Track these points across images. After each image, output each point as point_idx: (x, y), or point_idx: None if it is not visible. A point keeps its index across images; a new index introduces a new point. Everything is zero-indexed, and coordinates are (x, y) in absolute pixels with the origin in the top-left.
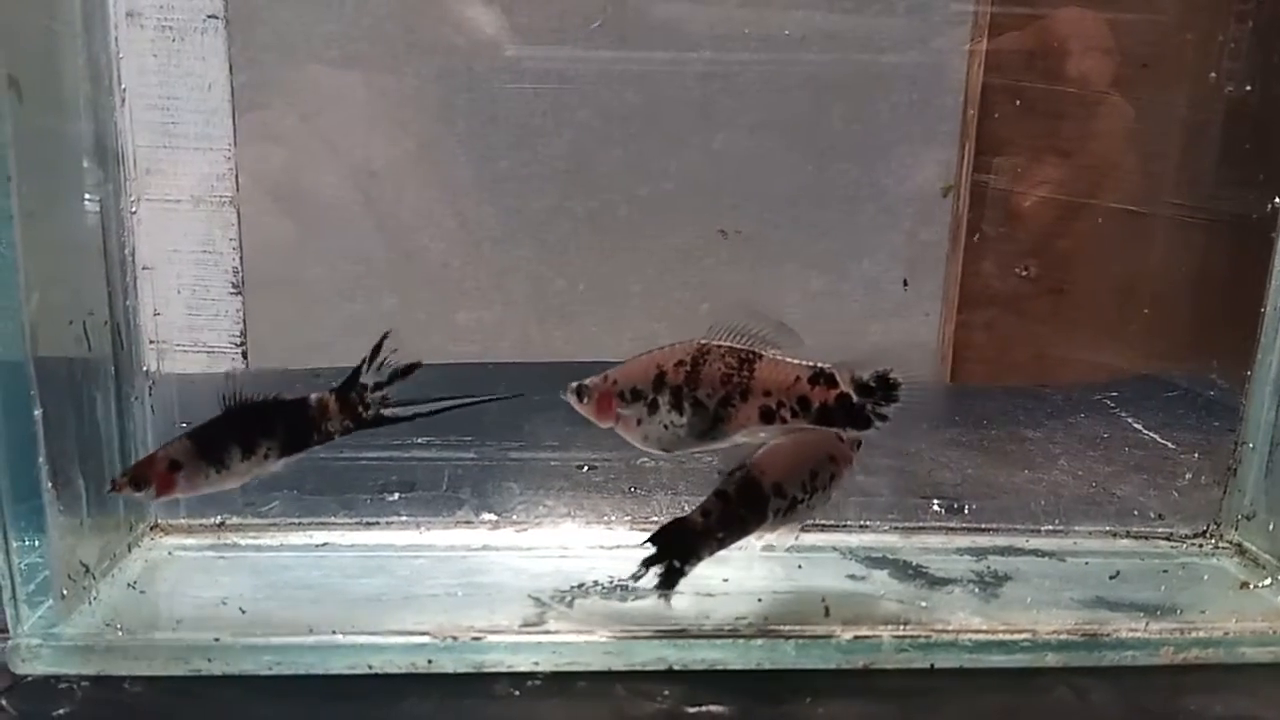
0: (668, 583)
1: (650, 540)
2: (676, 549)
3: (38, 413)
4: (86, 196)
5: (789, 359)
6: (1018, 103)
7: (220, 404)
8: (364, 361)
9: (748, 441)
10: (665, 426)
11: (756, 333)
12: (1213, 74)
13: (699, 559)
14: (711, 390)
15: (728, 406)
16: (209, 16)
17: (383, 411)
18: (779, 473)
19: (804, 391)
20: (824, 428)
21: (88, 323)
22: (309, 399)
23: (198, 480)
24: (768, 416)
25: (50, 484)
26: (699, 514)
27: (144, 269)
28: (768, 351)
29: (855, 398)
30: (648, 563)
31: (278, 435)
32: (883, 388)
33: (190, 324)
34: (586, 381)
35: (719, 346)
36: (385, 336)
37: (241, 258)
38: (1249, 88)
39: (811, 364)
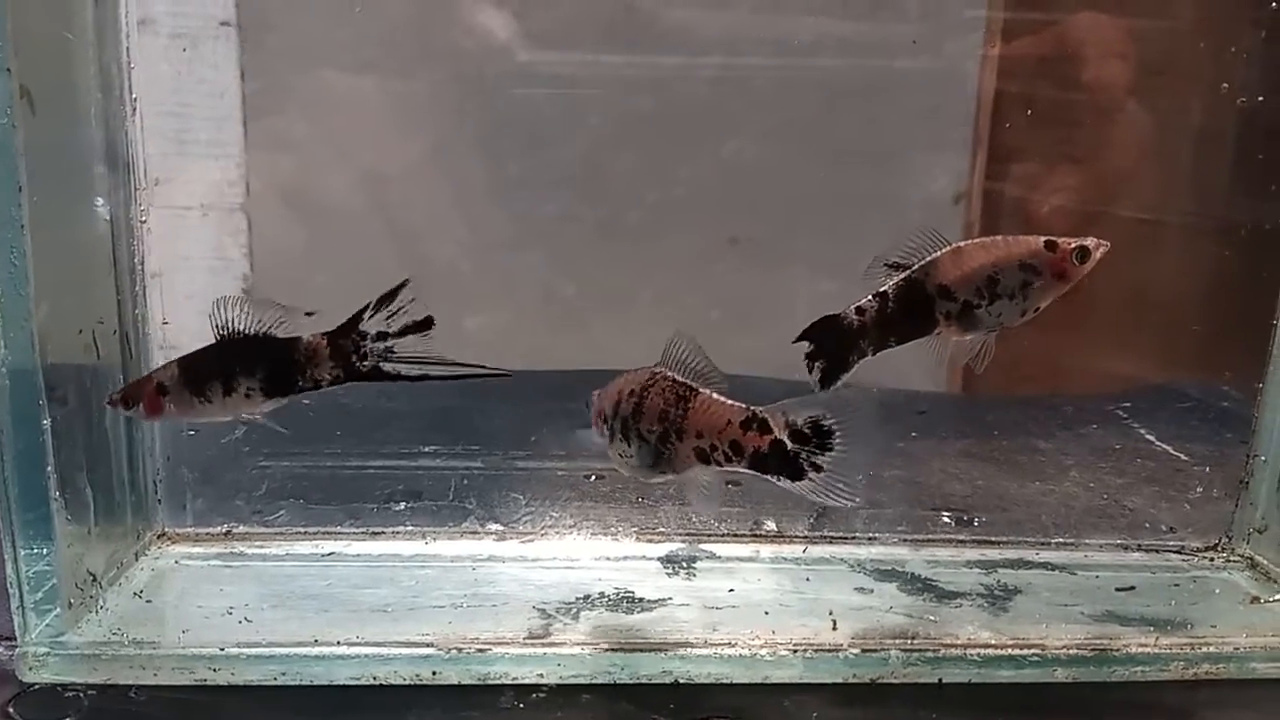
0: (825, 379)
1: (803, 335)
2: (828, 342)
3: (46, 422)
4: (99, 203)
5: (724, 399)
6: (1029, 112)
7: (213, 330)
8: (368, 306)
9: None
10: (620, 455)
11: (695, 366)
12: (1224, 85)
13: (853, 356)
14: (651, 426)
15: (666, 444)
16: (221, 24)
17: (381, 365)
18: (948, 275)
19: (736, 436)
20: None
21: (97, 331)
22: (299, 340)
23: (185, 408)
24: (704, 458)
25: (58, 492)
26: (853, 310)
27: (154, 276)
28: (706, 389)
29: (789, 445)
30: (809, 357)
31: (260, 375)
32: (818, 435)
33: (201, 330)
34: (593, 394)
35: (665, 378)
36: (403, 285)
37: (252, 264)
38: (1261, 98)
39: (745, 407)
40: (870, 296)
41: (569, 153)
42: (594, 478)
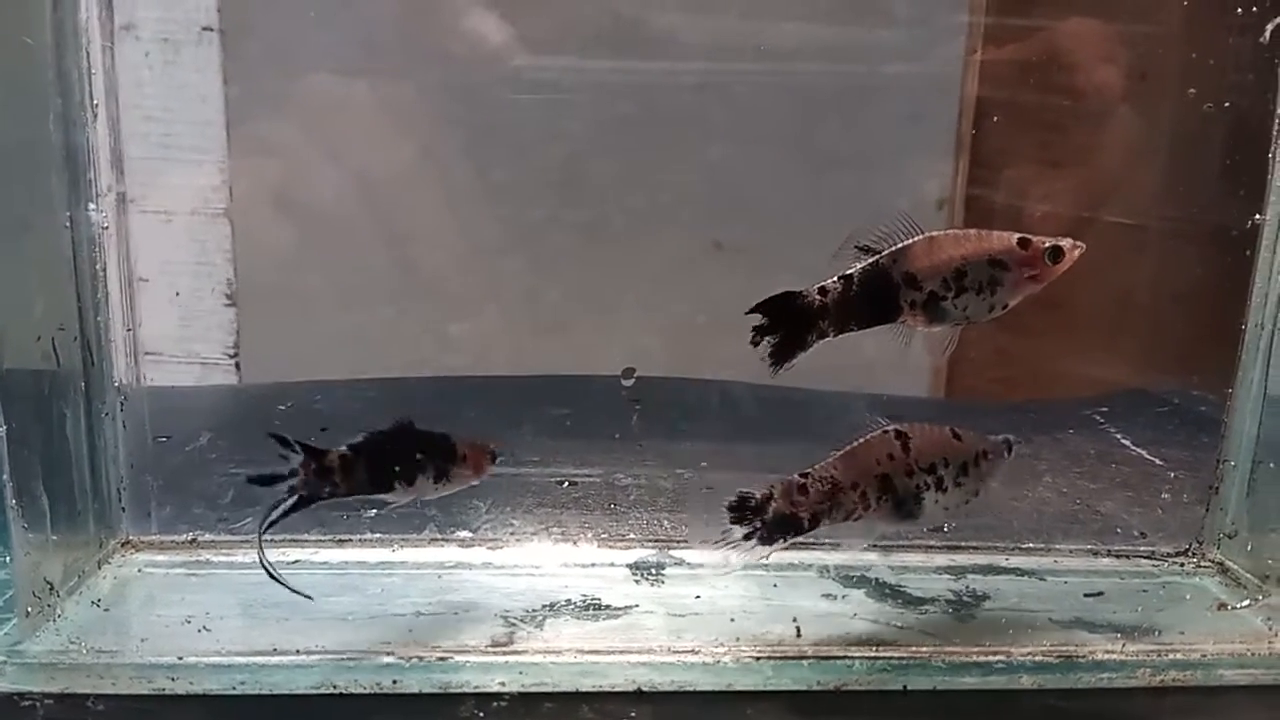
0: (778, 357)
1: (758, 308)
2: (786, 319)
3: (1, 429)
4: (91, 208)
5: None
6: (995, 118)
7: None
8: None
9: None
10: None
11: None
12: (1191, 90)
13: (812, 336)
14: None
15: None
16: (204, 29)
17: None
18: (916, 263)
19: None
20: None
21: (57, 339)
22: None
23: None
24: None
25: (15, 501)
26: (816, 290)
27: (141, 280)
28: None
29: None
30: (759, 331)
31: None
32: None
33: (183, 335)
34: None
35: None
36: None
37: (235, 269)
38: (1227, 104)
39: None
40: (835, 278)
41: (554, 157)
42: (566, 483)
